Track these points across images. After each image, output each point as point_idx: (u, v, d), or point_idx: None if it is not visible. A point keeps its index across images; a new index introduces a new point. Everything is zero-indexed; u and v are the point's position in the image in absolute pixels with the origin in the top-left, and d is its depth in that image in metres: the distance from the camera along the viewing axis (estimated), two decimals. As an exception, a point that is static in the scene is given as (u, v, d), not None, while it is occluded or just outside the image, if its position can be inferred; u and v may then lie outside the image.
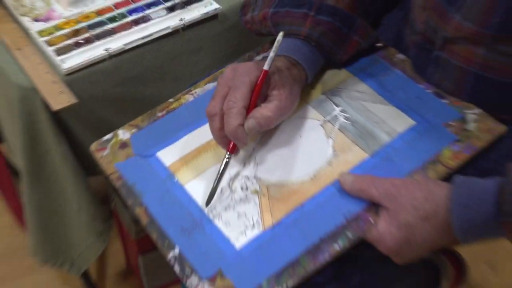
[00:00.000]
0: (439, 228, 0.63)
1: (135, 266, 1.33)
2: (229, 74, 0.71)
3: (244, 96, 0.68)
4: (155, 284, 1.35)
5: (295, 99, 0.74)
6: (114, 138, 0.79)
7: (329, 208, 0.69)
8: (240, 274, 0.64)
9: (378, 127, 0.76)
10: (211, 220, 0.69)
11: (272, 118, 0.70)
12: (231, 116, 0.68)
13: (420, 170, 0.71)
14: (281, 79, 0.72)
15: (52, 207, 1.03)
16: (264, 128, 0.71)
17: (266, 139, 0.77)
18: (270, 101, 0.71)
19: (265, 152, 0.75)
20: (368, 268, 0.75)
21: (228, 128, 0.68)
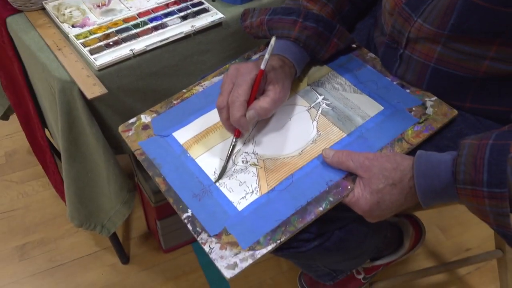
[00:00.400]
0: (404, 192, 0.63)
1: (154, 229, 1.33)
2: (233, 72, 0.71)
3: (245, 92, 0.69)
4: (171, 244, 1.35)
5: (287, 92, 0.74)
6: (138, 121, 0.79)
7: (314, 177, 0.68)
8: (242, 231, 0.64)
9: (353, 111, 0.76)
10: (218, 187, 0.69)
11: (269, 109, 0.70)
12: (234, 108, 0.68)
13: (389, 146, 0.71)
14: (276, 76, 0.72)
15: (86, 180, 1.02)
16: (262, 117, 0.71)
17: (263, 122, 0.76)
18: (266, 95, 0.71)
19: (262, 133, 0.75)
20: (345, 227, 0.75)
21: (233, 118, 0.69)
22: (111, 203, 1.06)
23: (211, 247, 0.63)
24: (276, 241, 0.63)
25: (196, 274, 1.32)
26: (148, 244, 1.39)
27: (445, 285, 1.30)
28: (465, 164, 0.58)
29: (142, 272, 1.32)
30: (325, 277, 0.92)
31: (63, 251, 1.36)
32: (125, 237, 1.41)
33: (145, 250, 1.37)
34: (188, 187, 0.69)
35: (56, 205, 1.47)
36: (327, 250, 0.74)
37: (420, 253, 1.36)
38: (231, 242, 0.63)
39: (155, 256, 1.36)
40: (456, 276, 1.32)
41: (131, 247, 1.38)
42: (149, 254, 1.36)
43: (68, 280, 1.30)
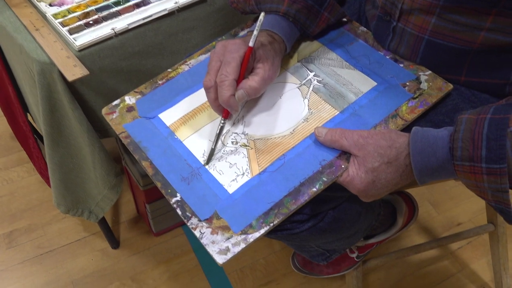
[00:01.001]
0: (400, 171, 0.62)
1: (144, 213, 1.31)
2: (220, 49, 0.69)
3: (234, 70, 0.66)
4: (161, 227, 1.33)
5: (276, 69, 0.72)
6: (122, 103, 0.76)
7: (306, 157, 0.66)
8: (233, 215, 0.62)
9: (346, 88, 0.74)
10: (207, 170, 0.67)
11: (258, 88, 0.68)
12: (223, 88, 0.66)
13: (383, 123, 0.69)
14: (265, 53, 0.70)
15: (71, 165, 1.00)
16: (252, 97, 0.69)
17: (252, 101, 0.74)
18: (256, 73, 0.69)
19: (252, 112, 0.73)
20: (339, 207, 0.74)
21: (222, 98, 0.66)
22: (98, 188, 1.03)
23: (202, 232, 0.61)
24: (269, 224, 0.61)
25: (188, 257, 1.31)
26: (138, 228, 1.37)
27: (438, 260, 1.30)
28: (463, 140, 0.56)
29: (133, 256, 1.31)
30: (318, 257, 0.91)
31: (51, 237, 1.34)
32: (115, 221, 1.38)
33: (135, 234, 1.35)
34: (176, 170, 0.67)
35: (42, 190, 1.44)
36: (321, 230, 0.73)
37: (412, 229, 1.36)
38: (223, 226, 0.61)
39: (146, 240, 1.34)
40: (448, 251, 1.32)
41: (121, 232, 1.36)
42: (139, 238, 1.35)
43: (57, 266, 1.28)
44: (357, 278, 1.11)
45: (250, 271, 1.28)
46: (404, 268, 1.29)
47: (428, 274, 1.28)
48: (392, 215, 1.09)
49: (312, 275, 1.18)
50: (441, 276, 1.27)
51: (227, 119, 0.69)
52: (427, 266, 1.29)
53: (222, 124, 0.69)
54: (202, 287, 1.25)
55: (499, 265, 1.20)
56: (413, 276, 1.27)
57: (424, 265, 1.29)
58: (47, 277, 1.26)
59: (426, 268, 1.29)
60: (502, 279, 1.20)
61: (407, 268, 1.29)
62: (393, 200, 1.10)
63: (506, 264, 1.20)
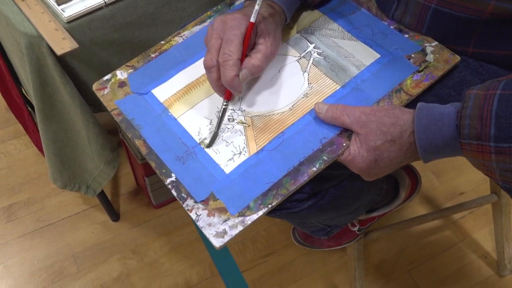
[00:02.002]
0: (404, 149, 0.59)
1: (143, 185, 1.29)
2: (219, 25, 0.65)
3: (237, 48, 0.63)
4: (161, 199, 1.32)
5: (278, 43, 0.69)
6: (113, 78, 0.73)
7: (306, 134, 0.64)
8: (230, 196, 0.60)
9: (347, 60, 0.70)
10: (203, 149, 0.64)
11: (262, 66, 0.65)
12: (227, 68, 0.62)
13: (386, 98, 0.66)
14: (266, 27, 0.66)
15: (65, 140, 0.97)
16: (255, 75, 0.66)
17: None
18: (258, 50, 0.65)
19: (249, 87, 0.70)
20: (340, 184, 0.72)
21: (225, 79, 0.63)
22: (94, 163, 1.01)
23: (198, 214, 0.59)
24: (267, 206, 0.59)
25: (188, 229, 1.30)
26: (138, 200, 1.36)
27: (440, 229, 1.29)
28: (470, 117, 0.53)
29: (133, 229, 1.30)
30: (319, 232, 0.90)
31: (51, 211, 1.33)
32: (114, 194, 1.37)
33: (135, 206, 1.34)
34: (171, 149, 0.64)
35: (40, 163, 1.42)
36: (322, 208, 0.71)
37: (415, 199, 1.34)
38: (219, 208, 0.59)
39: (146, 212, 1.33)
40: (450, 221, 1.31)
41: (120, 204, 1.35)
42: (139, 210, 1.33)
43: (58, 239, 1.28)
44: (358, 250, 1.10)
45: (251, 242, 1.27)
46: (405, 238, 1.28)
47: (429, 244, 1.27)
48: (394, 188, 1.07)
49: (313, 248, 1.17)
50: (443, 246, 1.26)
51: (229, 101, 0.66)
52: (428, 236, 1.28)
53: (224, 106, 0.65)
54: (203, 259, 1.25)
55: (501, 235, 1.19)
56: (415, 246, 1.26)
57: (426, 235, 1.28)
58: (48, 250, 1.26)
59: (428, 238, 1.28)
60: (504, 249, 1.19)
61: (409, 238, 1.28)
62: (395, 173, 1.08)
63: (509, 234, 1.19)
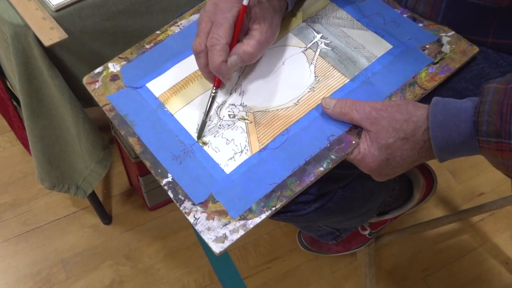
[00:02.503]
0: (417, 147, 0.60)
1: (137, 185, 1.30)
2: (210, 7, 0.65)
3: (226, 33, 0.63)
4: (157, 201, 1.33)
5: (275, 30, 0.69)
6: (105, 71, 0.73)
7: (313, 131, 0.64)
8: (231, 198, 0.61)
9: (357, 52, 0.71)
10: (201, 147, 0.65)
11: (253, 54, 0.65)
12: (214, 53, 0.63)
13: (399, 92, 0.66)
14: (262, 11, 0.66)
15: (53, 137, 0.98)
16: (246, 63, 0.66)
17: (250, 68, 0.71)
18: (251, 36, 0.65)
19: (250, 81, 0.70)
20: (349, 185, 0.73)
21: (212, 65, 0.63)
22: (84, 162, 1.02)
23: (196, 218, 0.60)
24: (271, 208, 0.60)
25: (186, 232, 1.31)
26: (132, 202, 1.37)
27: (457, 233, 1.30)
28: (489, 113, 0.54)
29: (126, 233, 1.31)
30: (327, 237, 0.90)
31: (38, 213, 1.34)
32: (106, 195, 1.38)
33: (128, 208, 1.35)
34: (167, 147, 0.65)
35: (26, 162, 1.43)
36: (329, 211, 0.72)
37: (430, 201, 1.35)
38: (219, 211, 0.60)
39: (140, 215, 1.34)
40: (468, 224, 1.32)
41: (112, 206, 1.36)
42: (133, 212, 1.35)
43: (45, 244, 1.29)
44: (369, 256, 1.11)
45: (253, 247, 1.28)
46: (420, 242, 1.28)
47: (446, 249, 1.27)
48: (408, 189, 1.08)
49: (320, 253, 1.18)
50: (461, 251, 1.27)
51: (219, 88, 0.67)
52: (445, 241, 1.29)
53: (213, 93, 0.67)
54: (202, 265, 1.26)
55: (524, 239, 1.19)
56: (430, 251, 1.27)
57: (442, 239, 1.29)
58: (34, 255, 1.27)
59: (444, 243, 1.28)
60: (527, 255, 1.20)
61: (423, 242, 1.28)
62: (409, 173, 1.09)
63: (532, 238, 1.19)
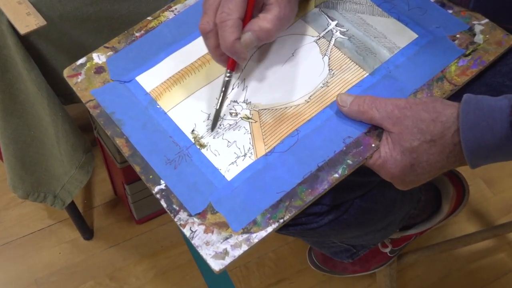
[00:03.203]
0: (446, 151, 0.60)
1: (123, 195, 1.31)
2: None
3: (238, 5, 0.64)
4: (145, 212, 1.34)
5: (294, 7, 0.69)
6: (89, 62, 0.75)
7: (326, 133, 0.65)
8: (232, 208, 0.62)
9: (377, 42, 0.72)
10: (199, 150, 0.66)
11: (272, 30, 0.65)
12: (226, 30, 0.63)
13: (425, 88, 0.67)
14: None
15: (28, 139, 1.00)
16: (263, 42, 0.67)
17: (255, 59, 0.73)
18: (268, 10, 0.66)
19: (255, 74, 0.71)
20: (368, 194, 0.74)
21: (224, 44, 0.64)
22: (63, 168, 1.03)
23: (193, 230, 0.61)
24: (278, 220, 0.61)
25: (179, 249, 1.32)
26: (116, 213, 1.38)
27: (492, 252, 1.31)
28: (529, 112, 0.55)
29: (110, 249, 1.32)
30: (341, 254, 0.91)
31: (9, 226, 1.35)
32: (87, 205, 1.39)
33: (112, 221, 1.37)
34: (160, 150, 0.66)
35: (-4, 167, 1.45)
36: (345, 224, 0.73)
37: (461, 214, 1.35)
38: (219, 223, 0.61)
39: (126, 229, 1.35)
40: (505, 241, 1.32)
41: (94, 218, 1.37)
42: (117, 226, 1.36)
43: (18, 261, 1.30)
44: (390, 277, 1.11)
45: (256, 267, 1.29)
46: (449, 262, 1.29)
47: (479, 270, 1.28)
48: (435, 199, 1.09)
49: (334, 273, 1.19)
50: (496, 272, 1.28)
51: (234, 71, 0.68)
52: (478, 260, 1.29)
53: (227, 77, 0.67)
54: (197, 287, 1.26)
55: None
56: (461, 272, 1.28)
57: (475, 258, 1.30)
58: (5, 274, 1.28)
59: (477, 263, 1.29)
60: None
61: (453, 262, 1.29)
62: (437, 181, 1.10)
63: None
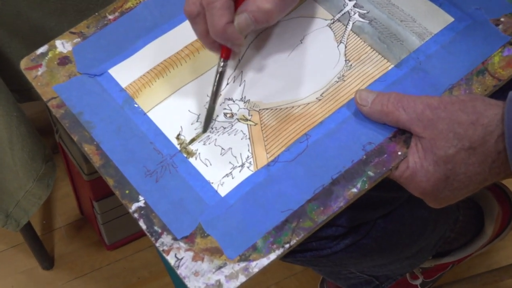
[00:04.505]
0: (488, 161, 0.61)
1: (90, 214, 1.32)
2: None
3: None
4: (118, 237, 1.34)
5: None
6: (51, 52, 0.76)
7: (343, 138, 0.66)
8: (227, 230, 0.62)
9: (405, 26, 0.73)
10: (185, 159, 0.67)
11: (273, 11, 0.66)
12: (214, 13, 0.64)
13: (463, 83, 0.68)
14: None
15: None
16: (262, 25, 0.67)
17: (255, 47, 0.74)
18: None
19: (255, 65, 0.73)
20: (393, 214, 0.74)
21: (214, 30, 0.65)
22: (18, 180, 1.04)
23: (179, 258, 0.62)
24: (283, 245, 0.61)
25: (160, 282, 1.33)
26: (83, 237, 1.39)
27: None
28: None
29: (74, 281, 1.33)
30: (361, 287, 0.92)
31: (-50, 252, 1.36)
32: (46, 227, 1.40)
33: (77, 247, 1.37)
34: (138, 159, 0.67)
35: None
36: (365, 250, 0.74)
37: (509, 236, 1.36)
38: (211, 249, 0.62)
39: (95, 256, 1.36)
40: None
41: (56, 243, 1.38)
42: (84, 253, 1.36)
43: (-40, 296, 1.31)
44: (421, 316, 1.12)
45: (256, 303, 1.30)
46: (494, 297, 1.30)
47: (532, 307, 1.29)
48: (477, 219, 1.10)
49: (351, 311, 1.20)
50: (552, 310, 1.29)
51: (228, 60, 0.69)
52: (530, 295, 1.30)
53: (221, 67, 0.68)
54: (183, 328, 1.27)
55: None
56: (509, 310, 1.29)
57: (526, 293, 1.31)
58: None
59: (528, 298, 1.30)
60: None
61: (500, 297, 1.30)
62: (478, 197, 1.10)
63: None
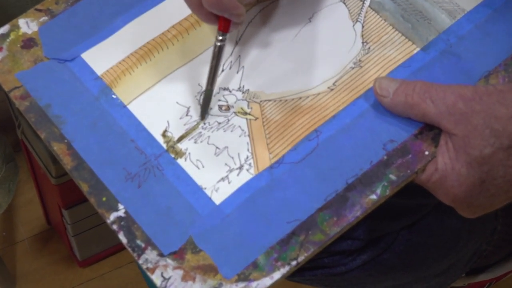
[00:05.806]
0: (532, 161, 0.62)
1: (59, 225, 1.32)
2: None
3: None
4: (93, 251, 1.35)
5: None
6: (13, 33, 0.76)
7: (359, 134, 0.67)
8: (223, 244, 0.63)
9: (433, 2, 0.74)
10: (173, 160, 0.67)
11: None
12: None
13: (501, 70, 0.69)
14: None
15: None
16: None
17: (256, 26, 0.75)
18: None
19: (256, 48, 0.73)
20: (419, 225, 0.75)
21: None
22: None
23: (166, 278, 0.62)
24: (290, 262, 0.62)
25: (142, 304, 1.34)
26: (50, 251, 1.39)
27: None
28: None
29: (41, 304, 1.34)
30: (381, 311, 0.92)
31: None
32: (7, 239, 1.40)
33: (44, 263, 1.38)
34: (117, 161, 0.68)
35: None
36: (387, 267, 0.74)
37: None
38: (204, 267, 0.62)
39: (64, 274, 1.37)
40: None
41: (18, 259, 1.38)
42: (51, 270, 1.37)
43: None
44: None
45: (256, 330, 1.30)
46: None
47: None
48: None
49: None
50: None
51: (227, 33, 0.69)
52: None
53: (220, 42, 0.69)
54: None
55: None
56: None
57: None
58: None
59: None
60: None
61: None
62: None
63: None
